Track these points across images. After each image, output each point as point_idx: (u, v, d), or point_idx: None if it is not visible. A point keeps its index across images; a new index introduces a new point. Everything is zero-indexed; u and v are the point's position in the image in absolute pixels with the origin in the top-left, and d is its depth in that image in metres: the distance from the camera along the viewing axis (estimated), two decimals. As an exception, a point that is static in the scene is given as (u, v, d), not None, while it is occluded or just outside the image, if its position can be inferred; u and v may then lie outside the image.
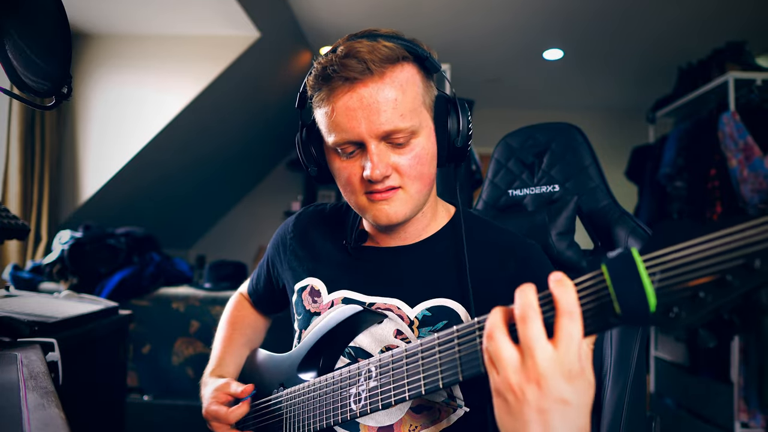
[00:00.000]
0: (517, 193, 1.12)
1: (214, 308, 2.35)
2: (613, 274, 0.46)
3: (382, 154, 0.72)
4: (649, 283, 0.44)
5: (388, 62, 0.70)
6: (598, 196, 1.04)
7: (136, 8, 2.73)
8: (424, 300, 0.79)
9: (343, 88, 0.70)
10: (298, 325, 0.89)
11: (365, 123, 0.70)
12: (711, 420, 2.64)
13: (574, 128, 1.10)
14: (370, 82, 0.70)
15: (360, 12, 3.06)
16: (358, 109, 0.70)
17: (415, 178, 0.75)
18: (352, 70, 0.69)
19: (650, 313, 0.44)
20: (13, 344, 0.94)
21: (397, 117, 0.70)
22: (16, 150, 2.64)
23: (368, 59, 0.69)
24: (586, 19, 3.08)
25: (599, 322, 0.48)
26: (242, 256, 4.58)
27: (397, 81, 0.71)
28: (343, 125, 0.71)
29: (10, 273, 2.38)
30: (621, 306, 0.45)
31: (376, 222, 0.77)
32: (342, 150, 0.74)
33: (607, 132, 4.82)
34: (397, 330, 0.79)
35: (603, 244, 1.03)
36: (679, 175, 2.90)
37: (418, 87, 0.74)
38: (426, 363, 0.62)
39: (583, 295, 0.48)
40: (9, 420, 0.53)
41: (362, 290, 0.83)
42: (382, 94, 0.70)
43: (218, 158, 4.03)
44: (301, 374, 0.83)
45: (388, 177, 0.73)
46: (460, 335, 0.58)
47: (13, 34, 0.67)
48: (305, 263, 0.91)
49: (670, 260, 0.44)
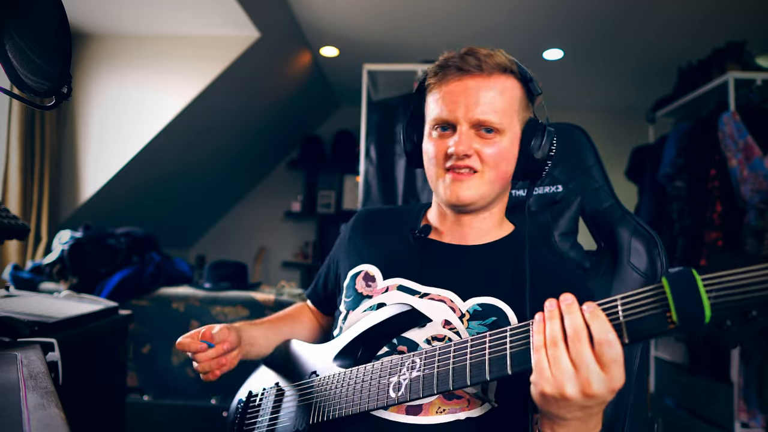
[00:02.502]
0: (520, 193, 1.11)
1: (214, 308, 2.35)
2: (673, 286, 0.53)
3: (469, 136, 0.81)
4: (706, 297, 0.51)
5: (499, 68, 0.82)
6: (602, 197, 1.04)
7: (136, 8, 2.73)
8: (477, 296, 0.83)
9: (455, 76, 0.82)
10: (346, 306, 0.92)
11: (463, 108, 0.81)
12: (711, 420, 2.64)
13: (578, 129, 1.10)
14: (478, 77, 0.81)
15: (360, 12, 3.06)
16: (461, 95, 0.81)
17: (492, 167, 0.82)
18: (467, 63, 0.81)
19: (705, 323, 0.51)
20: (13, 344, 0.94)
21: (491, 111, 0.80)
22: (16, 150, 2.64)
23: (483, 60, 0.81)
24: (586, 19, 3.08)
25: (656, 328, 0.55)
26: (242, 256, 4.58)
27: (500, 85, 0.82)
28: (445, 106, 0.82)
29: (10, 273, 2.38)
30: (678, 314, 0.52)
31: (446, 198, 0.84)
32: (437, 128, 0.84)
33: (607, 132, 4.81)
34: (445, 320, 0.82)
35: (606, 245, 1.03)
36: (679, 175, 2.90)
37: (516, 98, 0.84)
38: (474, 356, 0.65)
39: (642, 304, 0.56)
40: (9, 420, 0.53)
41: (418, 279, 0.87)
42: (484, 89, 0.81)
43: (218, 158, 4.03)
44: (337, 364, 0.84)
45: (469, 157, 0.81)
46: (512, 333, 0.63)
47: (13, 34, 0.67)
48: (363, 251, 0.96)
49: (725, 281, 0.51)
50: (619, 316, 0.57)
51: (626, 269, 0.96)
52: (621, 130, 4.75)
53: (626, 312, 0.56)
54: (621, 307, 0.57)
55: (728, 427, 2.49)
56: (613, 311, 0.57)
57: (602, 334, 0.55)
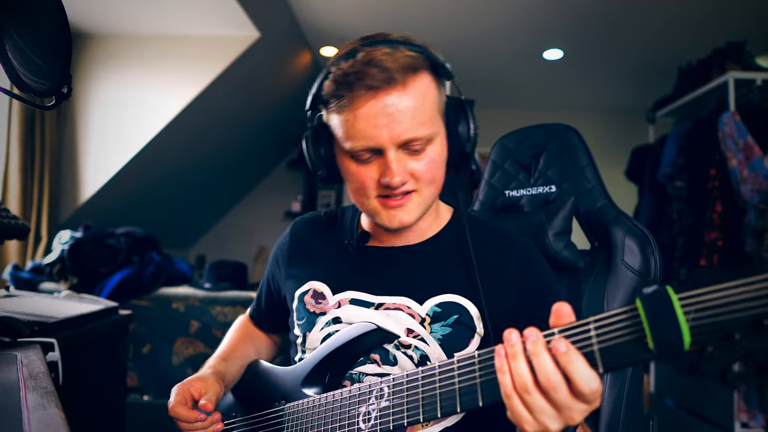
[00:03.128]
0: (513, 193, 1.12)
1: (214, 308, 2.35)
2: (648, 309, 0.47)
3: (400, 160, 0.73)
4: (684, 320, 0.45)
5: (410, 71, 0.71)
6: (595, 197, 1.05)
7: (136, 8, 2.73)
8: (432, 296, 0.80)
9: (366, 96, 0.70)
10: (301, 329, 0.87)
11: (386, 131, 0.71)
12: (711, 420, 2.64)
13: (570, 129, 1.10)
14: (393, 91, 0.70)
15: (360, 12, 3.06)
16: (380, 117, 0.70)
17: (429, 182, 0.76)
18: (375, 78, 0.69)
19: (684, 351, 0.45)
20: (13, 344, 0.94)
21: (417, 125, 0.72)
22: (16, 150, 2.64)
23: (391, 68, 0.69)
24: (586, 18, 3.08)
25: (631, 356, 0.49)
26: (242, 256, 4.58)
27: (418, 90, 0.72)
28: (363, 132, 0.72)
29: (10, 273, 2.38)
30: (655, 341, 0.46)
31: (387, 226, 0.78)
32: (358, 156, 0.75)
33: (607, 132, 4.82)
34: (407, 329, 0.79)
35: (600, 245, 1.03)
36: (679, 175, 2.90)
37: (434, 95, 0.75)
38: (443, 385, 0.61)
39: (615, 328, 0.50)
40: (9, 420, 0.53)
41: (369, 290, 0.83)
42: (403, 103, 0.71)
43: (218, 158, 4.03)
44: (306, 389, 0.81)
45: (405, 182, 0.75)
46: (480, 359, 0.59)
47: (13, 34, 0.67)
48: (305, 269, 0.91)
49: (705, 300, 0.44)
50: (592, 343, 0.50)
51: (620, 268, 0.96)
52: (621, 130, 4.75)
53: (600, 338, 0.50)
54: (594, 331, 0.51)
55: (728, 427, 2.49)
56: (585, 336, 0.51)
57: (583, 384, 0.49)
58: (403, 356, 0.79)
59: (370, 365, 0.80)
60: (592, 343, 0.51)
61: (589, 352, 0.50)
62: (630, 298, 0.94)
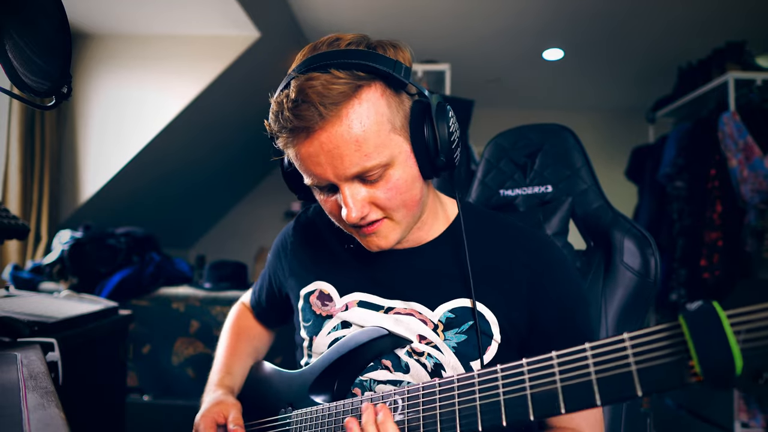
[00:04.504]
0: (508, 193, 1.11)
1: (214, 308, 2.35)
2: (693, 329, 0.42)
3: (355, 194, 0.68)
4: (735, 341, 0.40)
5: (343, 99, 0.64)
6: (591, 198, 1.04)
7: (136, 8, 2.73)
8: (444, 302, 0.76)
9: (301, 136, 0.66)
10: (307, 332, 0.85)
11: (331, 168, 0.66)
12: (711, 420, 2.64)
13: (566, 130, 1.10)
14: (327, 126, 0.64)
15: (359, 13, 3.06)
16: (321, 156, 0.66)
17: (397, 207, 0.70)
18: (305, 119, 0.64)
19: (736, 376, 0.40)
20: (13, 344, 0.94)
21: (363, 157, 0.65)
22: (16, 150, 2.64)
23: (320, 103, 0.63)
24: (586, 19, 3.08)
25: (674, 379, 0.44)
26: (242, 256, 4.58)
27: (356, 118, 0.64)
28: (310, 170, 0.68)
29: (10, 273, 2.38)
30: (702, 365, 0.41)
31: (368, 249, 0.75)
32: (317, 189, 0.72)
33: (607, 132, 4.82)
34: (419, 336, 0.75)
35: (596, 245, 1.04)
36: (679, 175, 2.90)
37: (383, 114, 0.66)
38: (463, 401, 0.57)
39: (656, 347, 0.45)
40: (9, 420, 0.53)
41: (378, 293, 0.80)
42: (342, 137, 0.64)
43: (218, 158, 4.03)
44: (314, 396, 0.78)
45: (366, 215, 0.69)
46: (504, 374, 0.55)
47: (13, 34, 0.67)
48: (310, 267, 0.87)
49: (757, 318, 0.40)
50: (629, 363, 0.46)
51: (619, 269, 0.96)
52: (621, 130, 4.75)
53: (638, 357, 0.46)
54: (631, 350, 0.47)
55: (728, 427, 2.49)
56: (621, 355, 0.47)
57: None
58: (416, 363, 0.75)
59: (382, 371, 0.76)
60: (629, 363, 0.46)
61: (626, 374, 0.46)
62: (629, 298, 0.94)
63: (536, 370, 0.53)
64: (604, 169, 3.27)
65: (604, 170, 3.10)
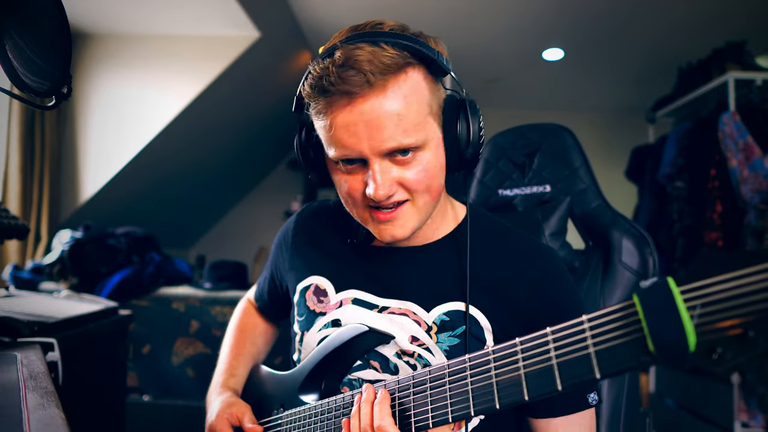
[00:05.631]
0: (507, 193, 1.11)
1: (214, 308, 2.35)
2: (646, 306, 0.41)
3: (385, 171, 0.67)
4: (688, 318, 0.39)
5: (390, 72, 0.64)
6: (589, 198, 1.05)
7: (136, 8, 2.73)
8: (440, 304, 0.75)
9: (342, 102, 0.64)
10: (299, 326, 0.85)
11: (367, 140, 0.65)
12: (711, 420, 2.64)
13: (564, 130, 1.10)
14: (371, 96, 0.63)
15: (360, 13, 3.06)
16: (360, 125, 0.64)
17: (423, 192, 0.70)
18: (350, 83, 0.62)
19: (689, 353, 0.38)
20: (13, 344, 0.94)
21: (401, 133, 0.65)
22: (16, 150, 2.64)
23: (368, 70, 0.62)
24: (587, 19, 3.08)
25: (630, 360, 0.43)
26: (242, 256, 4.58)
27: (400, 93, 0.64)
28: (343, 141, 0.66)
29: (10, 273, 2.38)
30: (655, 343, 0.40)
31: (379, 237, 0.73)
32: (343, 164, 0.69)
33: (607, 132, 4.82)
34: (412, 336, 0.75)
35: (595, 245, 1.04)
36: (679, 175, 2.90)
37: (424, 96, 0.67)
38: (454, 387, 0.57)
39: (612, 328, 0.45)
40: (9, 420, 0.53)
41: (374, 291, 0.79)
42: (384, 108, 0.64)
43: (218, 158, 4.03)
44: (303, 396, 0.79)
45: (393, 195, 0.68)
46: (496, 356, 0.54)
47: (13, 34, 0.67)
48: (309, 261, 0.87)
49: (713, 292, 0.38)
50: (587, 345, 0.46)
51: (617, 268, 0.96)
52: (621, 130, 4.75)
53: (596, 339, 0.46)
54: (589, 332, 0.46)
55: (728, 427, 2.49)
56: (580, 338, 0.47)
57: None
58: (405, 365, 0.75)
59: (370, 371, 0.77)
60: (587, 345, 0.46)
61: (585, 356, 0.46)
62: (628, 297, 0.94)
63: (502, 358, 0.54)
64: (604, 169, 3.26)
65: (604, 170, 3.10)
